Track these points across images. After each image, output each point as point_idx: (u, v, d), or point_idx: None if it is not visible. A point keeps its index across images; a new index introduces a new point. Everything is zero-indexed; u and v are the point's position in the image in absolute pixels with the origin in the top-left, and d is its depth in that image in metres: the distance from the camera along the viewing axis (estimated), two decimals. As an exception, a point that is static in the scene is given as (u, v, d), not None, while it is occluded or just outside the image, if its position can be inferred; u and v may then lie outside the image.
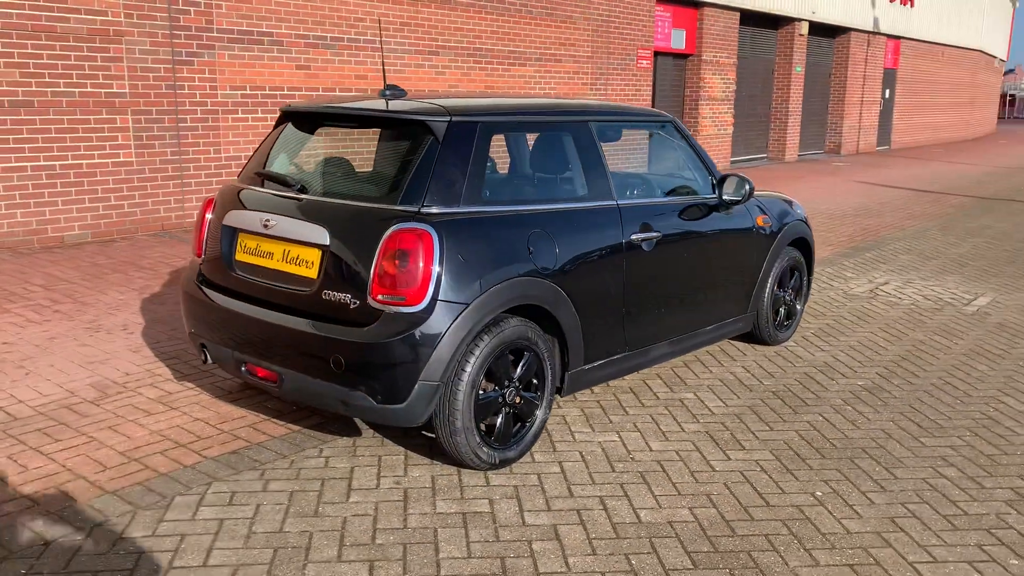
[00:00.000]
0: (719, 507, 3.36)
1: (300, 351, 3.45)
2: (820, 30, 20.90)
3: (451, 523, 3.18)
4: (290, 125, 4.10)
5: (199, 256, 4.03)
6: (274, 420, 4.07)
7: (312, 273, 3.47)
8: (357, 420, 4.06)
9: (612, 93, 14.39)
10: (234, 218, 3.80)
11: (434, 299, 3.28)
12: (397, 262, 3.28)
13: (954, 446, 4.00)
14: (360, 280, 3.33)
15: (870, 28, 22.54)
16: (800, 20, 19.36)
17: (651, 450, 3.86)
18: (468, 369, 3.37)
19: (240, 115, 9.34)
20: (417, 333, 3.25)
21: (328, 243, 3.40)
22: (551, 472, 3.62)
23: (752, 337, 5.42)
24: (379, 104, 3.73)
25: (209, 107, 9.06)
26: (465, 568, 2.89)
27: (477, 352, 3.39)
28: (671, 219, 4.36)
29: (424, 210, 3.36)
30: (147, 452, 3.70)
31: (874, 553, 3.06)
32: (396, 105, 3.70)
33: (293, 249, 3.54)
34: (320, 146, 4.20)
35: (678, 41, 15.93)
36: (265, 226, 3.61)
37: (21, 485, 3.38)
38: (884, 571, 2.95)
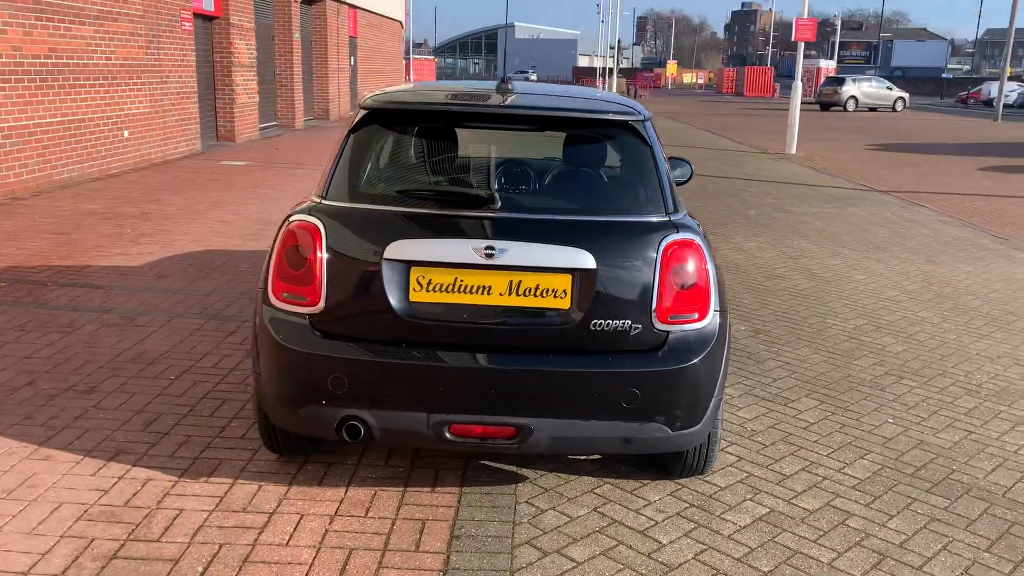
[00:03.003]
0: (874, 451, 3.88)
1: (565, 393, 2.94)
2: (305, -3, 21.11)
3: (769, 533, 3.13)
4: (379, 126, 3.28)
5: (314, 305, 3.01)
6: (381, 488, 3.31)
7: (563, 303, 2.96)
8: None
9: (165, 57, 12.79)
10: (408, 250, 2.94)
11: (715, 310, 3.11)
12: (679, 278, 3.03)
13: (903, 362, 5.08)
14: (637, 302, 2.98)
15: (340, -3, 23.46)
16: (294, -14, 19.32)
17: (748, 418, 4.17)
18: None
19: None
20: (713, 349, 3.07)
21: (593, 267, 2.94)
22: (730, 455, 3.71)
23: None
24: (570, 104, 3.28)
25: None
26: (856, 568, 2.95)
27: (723, 357, 3.32)
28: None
29: (672, 219, 3.14)
30: (365, 572, 2.76)
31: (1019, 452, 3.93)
32: (579, 104, 3.30)
33: (528, 278, 2.95)
34: (466, 151, 3.44)
35: (209, 2, 14.73)
36: (487, 255, 2.91)
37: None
38: None
